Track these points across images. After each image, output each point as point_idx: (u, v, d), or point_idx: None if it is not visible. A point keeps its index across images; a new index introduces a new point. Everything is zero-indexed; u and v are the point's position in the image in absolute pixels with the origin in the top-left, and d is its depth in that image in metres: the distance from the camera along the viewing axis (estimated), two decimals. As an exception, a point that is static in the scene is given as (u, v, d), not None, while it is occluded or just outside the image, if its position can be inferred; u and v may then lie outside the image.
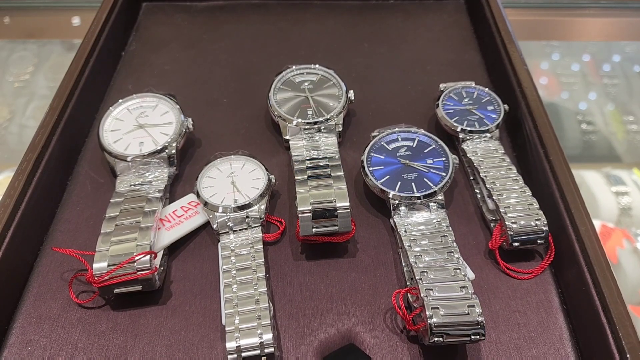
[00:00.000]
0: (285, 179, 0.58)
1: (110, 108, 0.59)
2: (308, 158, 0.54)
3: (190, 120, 0.58)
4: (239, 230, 0.50)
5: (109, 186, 0.56)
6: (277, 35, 0.77)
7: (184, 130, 0.57)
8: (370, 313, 0.47)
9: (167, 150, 0.55)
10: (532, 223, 0.49)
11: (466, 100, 0.61)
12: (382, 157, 0.55)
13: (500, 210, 0.50)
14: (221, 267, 0.48)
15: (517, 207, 0.50)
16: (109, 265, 0.45)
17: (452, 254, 0.47)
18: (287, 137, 0.58)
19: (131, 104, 0.59)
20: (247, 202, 0.51)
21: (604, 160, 0.80)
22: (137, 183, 0.53)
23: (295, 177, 0.52)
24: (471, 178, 0.58)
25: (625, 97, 0.89)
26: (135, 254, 0.46)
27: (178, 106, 0.59)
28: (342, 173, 0.52)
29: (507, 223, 0.49)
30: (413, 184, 0.52)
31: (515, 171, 0.54)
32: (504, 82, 0.65)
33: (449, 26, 0.79)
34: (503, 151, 0.56)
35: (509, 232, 0.49)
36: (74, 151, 0.60)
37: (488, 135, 0.58)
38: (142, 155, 0.54)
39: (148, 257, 0.46)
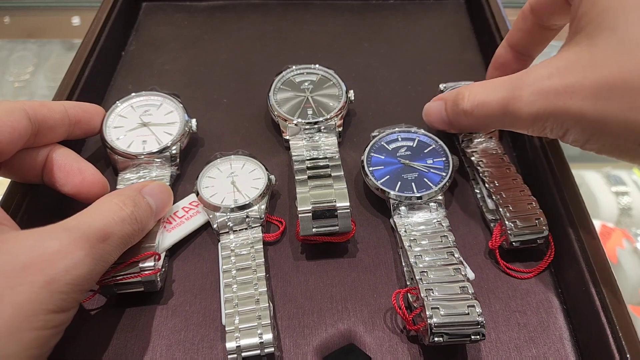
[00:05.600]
0: (285, 179, 0.58)
1: (117, 102, 0.58)
2: (308, 158, 0.54)
3: (194, 121, 0.58)
4: (239, 230, 0.50)
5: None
6: (277, 35, 0.77)
7: (188, 130, 0.57)
8: (370, 313, 0.47)
9: (170, 150, 0.55)
10: (532, 223, 0.49)
11: (466, 100, 0.61)
12: (382, 157, 0.55)
13: (500, 210, 0.50)
14: (221, 267, 0.48)
15: (517, 206, 0.50)
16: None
17: (452, 254, 0.47)
18: (287, 137, 0.58)
19: (135, 101, 0.59)
20: (247, 202, 0.51)
21: (604, 160, 0.80)
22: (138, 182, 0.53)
23: (295, 177, 0.52)
24: (471, 178, 0.58)
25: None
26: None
27: (182, 106, 0.59)
28: (342, 173, 0.52)
29: (507, 223, 0.49)
30: (413, 184, 0.52)
31: (515, 171, 0.54)
32: (504, 82, 0.65)
33: (449, 26, 0.79)
34: (503, 151, 0.56)
35: (509, 232, 0.49)
36: (74, 150, 0.60)
37: (488, 135, 0.58)
38: (145, 153, 0.54)
39: (152, 258, 0.46)
